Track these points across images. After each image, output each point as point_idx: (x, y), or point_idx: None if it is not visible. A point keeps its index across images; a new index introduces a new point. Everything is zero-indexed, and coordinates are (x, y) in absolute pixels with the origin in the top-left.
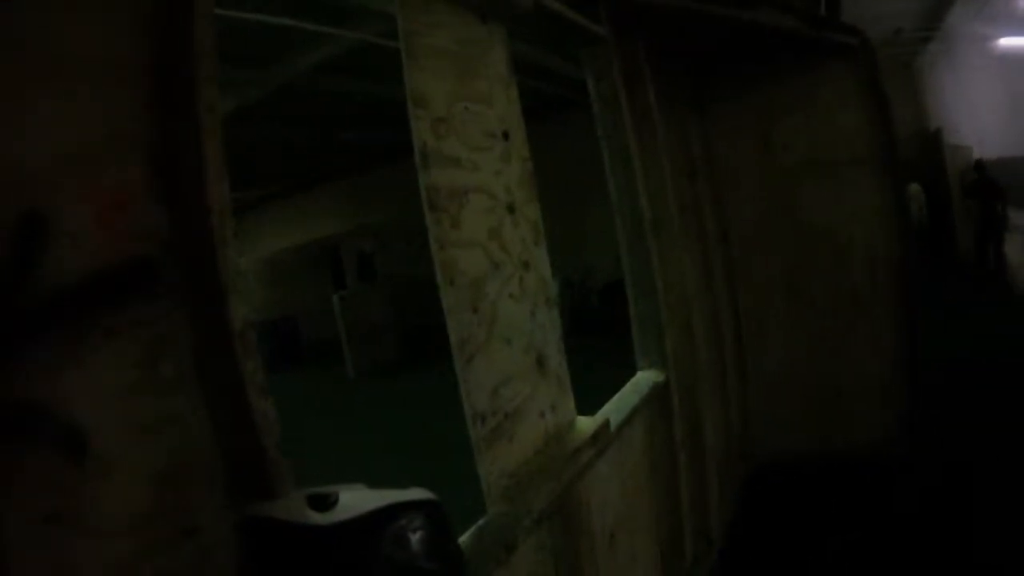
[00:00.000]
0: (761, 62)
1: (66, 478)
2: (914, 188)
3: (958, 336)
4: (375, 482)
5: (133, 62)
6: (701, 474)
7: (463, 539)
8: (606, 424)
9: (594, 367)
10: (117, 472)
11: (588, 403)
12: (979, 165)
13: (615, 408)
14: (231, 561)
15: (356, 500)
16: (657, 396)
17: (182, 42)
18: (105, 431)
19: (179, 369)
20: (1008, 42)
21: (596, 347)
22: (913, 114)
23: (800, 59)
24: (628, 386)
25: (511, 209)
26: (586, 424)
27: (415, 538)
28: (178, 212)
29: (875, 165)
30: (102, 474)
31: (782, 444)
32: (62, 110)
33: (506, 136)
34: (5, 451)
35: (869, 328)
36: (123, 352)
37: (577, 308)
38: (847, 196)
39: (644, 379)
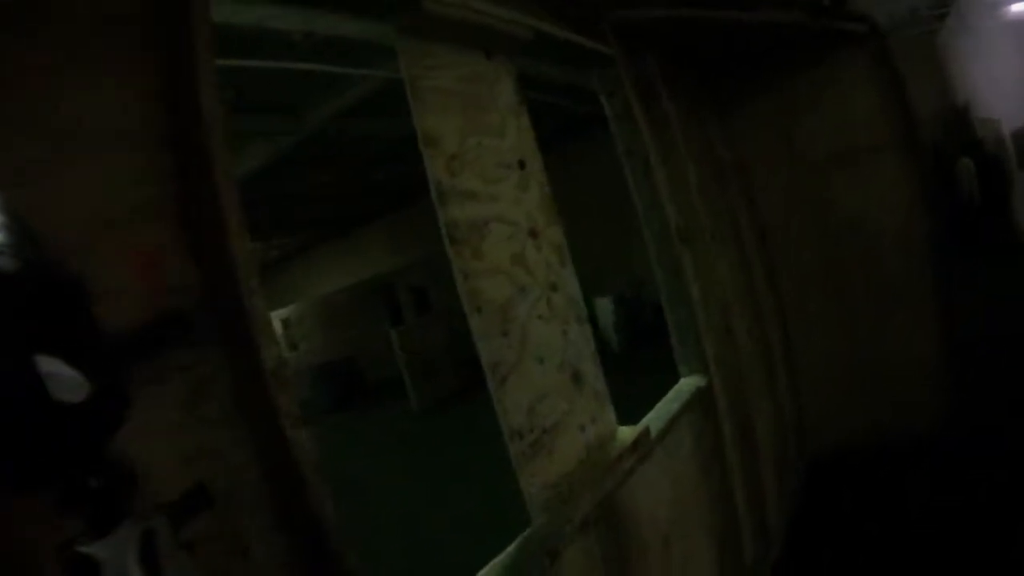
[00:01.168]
0: (776, 59)
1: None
2: (964, 162)
3: (1007, 316)
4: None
5: (153, 132)
6: (755, 473)
7: (509, 550)
8: (646, 431)
9: (648, 378)
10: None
11: (641, 414)
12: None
13: (656, 416)
14: None
15: None
16: (701, 400)
17: (192, 112)
18: (155, 465)
19: (221, 407)
20: (1020, 8)
21: (652, 359)
22: (939, 91)
23: (813, 52)
24: (670, 393)
25: (533, 234)
26: (627, 433)
27: None
28: (207, 267)
29: (898, 149)
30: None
31: (836, 436)
32: (93, 181)
33: (522, 164)
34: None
35: (909, 313)
36: (166, 395)
37: (631, 322)
38: (874, 183)
39: (686, 385)
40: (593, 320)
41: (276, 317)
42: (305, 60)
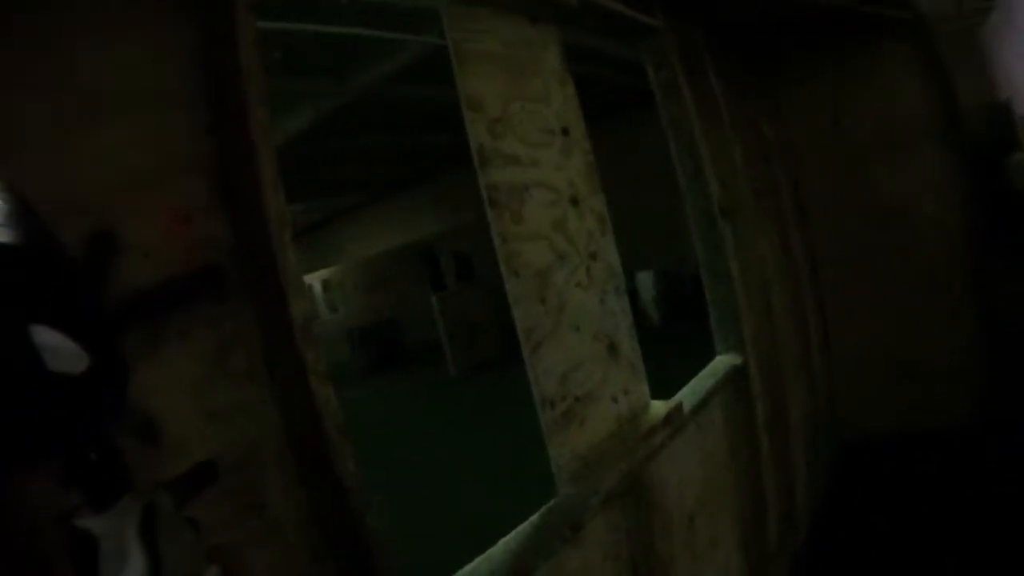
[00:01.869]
0: (823, 43)
1: (146, 461)
2: (1019, 157)
3: None
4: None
5: (189, 90)
6: (785, 456)
7: (533, 519)
8: (679, 407)
9: (685, 352)
10: (192, 455)
11: (675, 388)
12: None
13: (691, 391)
14: (299, 534)
15: None
16: (735, 379)
17: (231, 69)
18: (180, 418)
19: (249, 362)
20: None
21: (690, 334)
22: (981, 86)
23: (861, 37)
24: (705, 370)
25: (575, 202)
26: (660, 407)
27: None
28: (240, 222)
29: (942, 139)
30: (178, 456)
31: (868, 422)
32: (126, 138)
33: (565, 132)
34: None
35: (947, 303)
36: (195, 348)
37: (671, 296)
38: (917, 171)
39: (722, 363)
40: (634, 293)
41: (317, 278)
42: (351, 24)
